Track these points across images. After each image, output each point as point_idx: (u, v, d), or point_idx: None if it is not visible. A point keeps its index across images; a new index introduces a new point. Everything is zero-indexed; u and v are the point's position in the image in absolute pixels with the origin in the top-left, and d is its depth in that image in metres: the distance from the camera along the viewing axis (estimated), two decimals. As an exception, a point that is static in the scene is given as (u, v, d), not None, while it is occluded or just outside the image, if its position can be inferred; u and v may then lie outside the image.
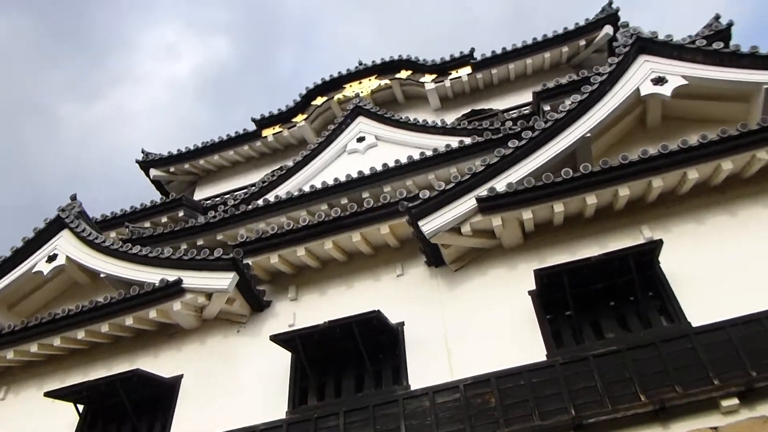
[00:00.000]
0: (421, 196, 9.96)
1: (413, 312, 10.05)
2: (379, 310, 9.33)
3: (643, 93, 11.02)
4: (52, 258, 12.98)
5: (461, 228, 9.79)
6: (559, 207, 9.64)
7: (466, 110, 18.50)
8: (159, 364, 11.07)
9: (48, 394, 10.34)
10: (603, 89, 11.08)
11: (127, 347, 11.59)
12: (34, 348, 11.37)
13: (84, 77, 59.19)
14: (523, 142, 10.52)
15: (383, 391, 9.26)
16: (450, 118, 18.10)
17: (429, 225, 9.72)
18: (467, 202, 9.88)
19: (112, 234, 15.65)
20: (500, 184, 10.05)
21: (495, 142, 12.93)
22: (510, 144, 10.54)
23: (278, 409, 9.58)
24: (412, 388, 9.01)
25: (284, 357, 10.13)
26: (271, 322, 10.97)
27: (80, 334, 11.17)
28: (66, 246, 13.04)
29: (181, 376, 10.71)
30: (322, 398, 9.62)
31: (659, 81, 11.00)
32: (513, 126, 13.16)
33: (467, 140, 13.73)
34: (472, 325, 9.47)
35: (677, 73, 11.05)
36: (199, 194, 19.77)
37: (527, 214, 9.74)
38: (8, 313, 13.26)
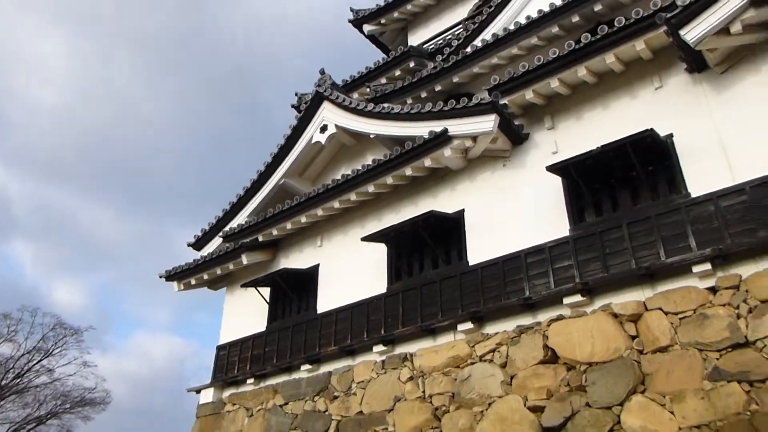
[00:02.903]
0: (678, 2, 9.56)
1: (680, 122, 10.17)
2: (652, 129, 9.68)
3: None
4: (323, 129, 15.09)
5: (730, 28, 9.33)
6: None
7: None
8: (438, 203, 12.84)
9: (364, 239, 12.81)
10: None
11: (407, 193, 13.52)
12: (336, 204, 13.86)
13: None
14: None
15: (661, 201, 9.89)
16: None
17: (692, 32, 9.40)
18: (734, -2, 9.27)
19: (355, 95, 17.39)
20: (771, -33, 9.16)
21: None
22: None
23: (557, 229, 10.80)
24: (693, 195, 9.51)
25: (553, 182, 11.14)
26: (533, 153, 11.90)
27: (370, 188, 13.27)
28: (331, 116, 14.99)
29: (462, 210, 12.39)
30: (600, 215, 10.59)
31: None
32: None
33: None
34: (751, 126, 9.36)
35: None
36: (413, 39, 20.53)
37: (811, -5, 8.90)
38: (300, 179, 16.04)
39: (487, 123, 11.43)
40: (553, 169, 10.59)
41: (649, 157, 10.17)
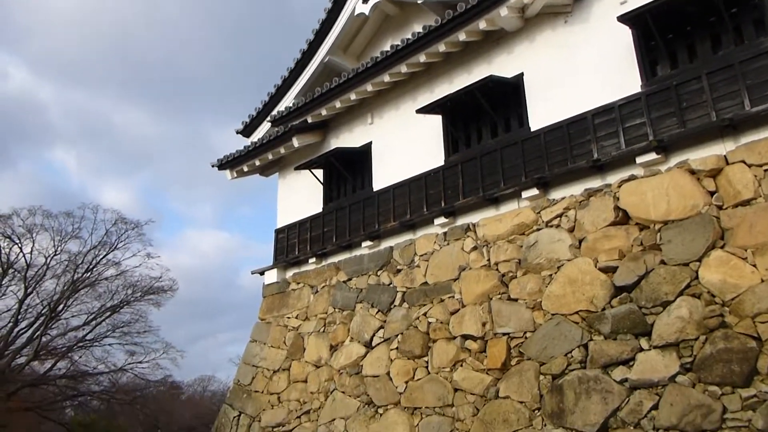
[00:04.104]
0: None
1: (770, -47, 9.09)
2: (741, -40, 8.69)
3: None
4: (372, -3, 14.17)
5: None
6: None
7: None
8: (494, 68, 12.16)
9: (419, 111, 12.41)
10: None
11: (460, 61, 12.83)
12: (386, 78, 13.31)
13: None
14: None
15: (746, 45, 9.06)
16: None
17: None
18: None
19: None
20: None
21: None
22: None
23: (627, 86, 10.11)
24: (784, 36, 8.67)
25: (621, 36, 10.30)
26: (597, 5, 10.92)
27: (422, 58, 12.62)
28: (374, -17, 14.04)
29: (522, 74, 11.74)
30: (675, 67, 9.85)
31: None
32: None
33: None
34: None
35: None
36: None
37: None
38: (344, 56, 15.42)
39: (548, -27, 10.47)
40: (624, 18, 9.75)
41: (733, -3, 9.22)
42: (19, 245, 28.06)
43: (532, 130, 11.19)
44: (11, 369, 27.56)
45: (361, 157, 14.40)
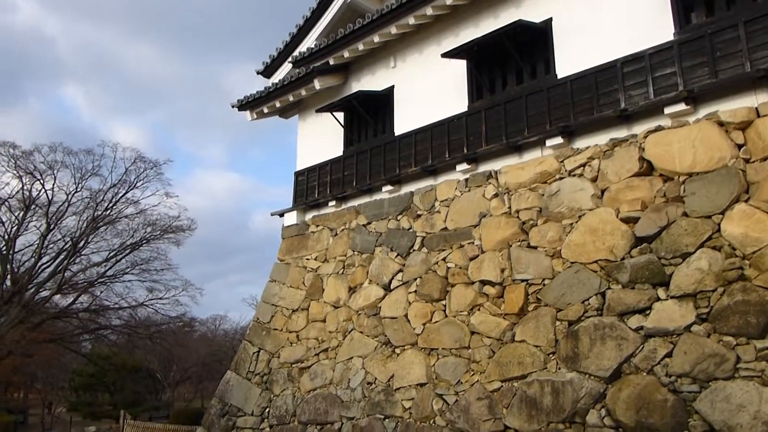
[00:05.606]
0: None
1: None
2: None
3: None
4: (392, -65, 13.76)
5: None
6: None
7: None
8: (522, 12, 11.86)
9: (445, 55, 12.23)
10: None
11: (487, 4, 12.51)
12: (411, 20, 13.04)
13: None
14: None
15: (788, -7, 8.80)
16: None
17: None
18: None
19: None
20: None
21: None
22: None
23: (659, 35, 9.89)
24: (827, -17, 8.39)
25: (657, -19, 10.03)
26: (633, -52, 10.59)
27: (448, 0, 12.33)
28: None
29: (550, 19, 11.48)
30: (711, 14, 9.59)
31: None
32: None
33: None
34: None
35: None
36: None
37: None
38: (367, -4, 15.08)
39: None
40: (660, -38, 9.45)
41: (778, -59, 8.87)
42: (41, 181, 28.46)
43: (558, 77, 11.03)
44: (35, 302, 28.41)
45: (383, 100, 14.30)
